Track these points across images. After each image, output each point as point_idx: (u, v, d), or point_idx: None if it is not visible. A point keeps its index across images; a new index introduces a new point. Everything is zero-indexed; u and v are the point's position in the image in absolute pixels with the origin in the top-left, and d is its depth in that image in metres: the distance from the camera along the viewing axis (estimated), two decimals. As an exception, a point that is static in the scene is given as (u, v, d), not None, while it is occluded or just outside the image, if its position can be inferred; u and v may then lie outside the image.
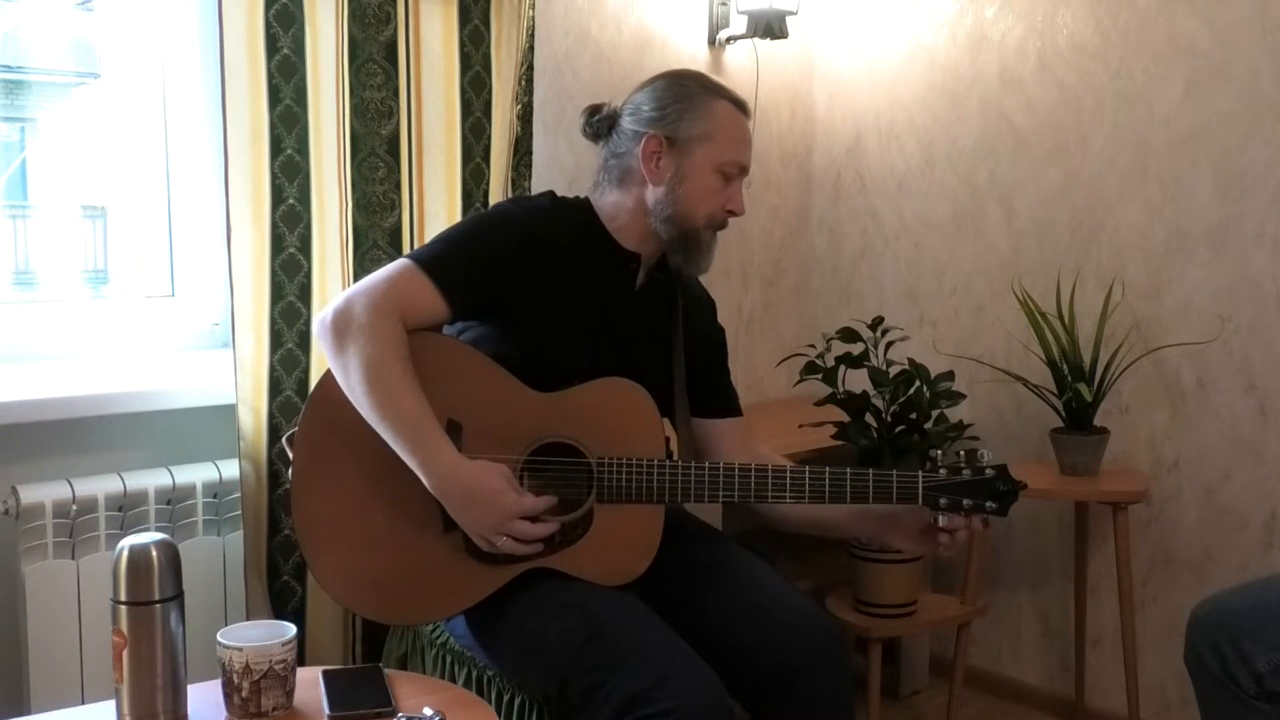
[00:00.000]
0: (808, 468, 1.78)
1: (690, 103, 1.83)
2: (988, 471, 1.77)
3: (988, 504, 1.76)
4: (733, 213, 1.87)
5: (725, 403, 2.01)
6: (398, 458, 1.69)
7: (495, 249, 1.79)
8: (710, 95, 1.85)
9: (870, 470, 1.78)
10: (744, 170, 1.87)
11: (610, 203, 1.88)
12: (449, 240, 1.82)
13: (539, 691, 1.73)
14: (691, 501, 1.78)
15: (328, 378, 1.74)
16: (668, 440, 1.83)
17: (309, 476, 1.74)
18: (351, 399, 1.70)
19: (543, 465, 1.75)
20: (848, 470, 1.78)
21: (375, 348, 1.68)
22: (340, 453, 1.73)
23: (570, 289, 1.82)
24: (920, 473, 1.78)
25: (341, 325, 1.71)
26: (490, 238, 1.81)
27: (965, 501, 1.76)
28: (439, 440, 1.68)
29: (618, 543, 1.75)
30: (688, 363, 1.94)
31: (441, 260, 1.77)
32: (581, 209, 1.90)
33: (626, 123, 1.87)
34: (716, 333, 2.06)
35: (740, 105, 1.88)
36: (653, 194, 1.84)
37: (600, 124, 1.90)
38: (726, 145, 1.84)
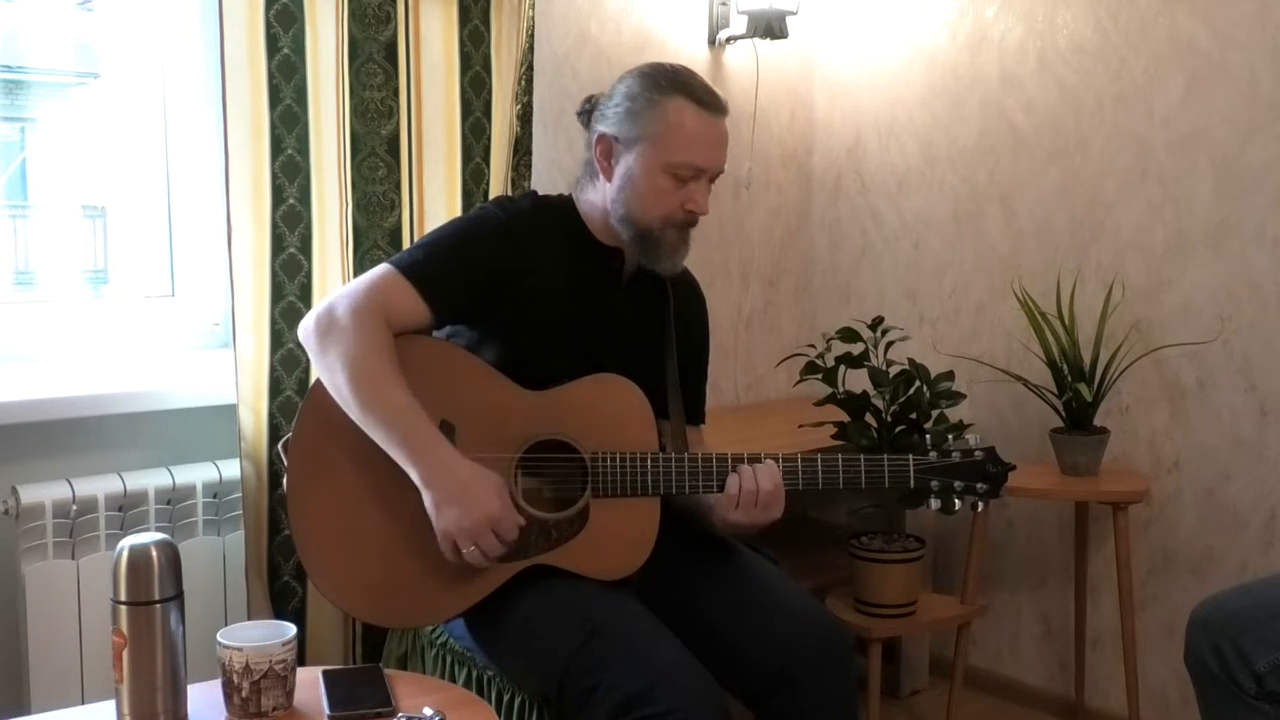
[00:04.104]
0: (800, 455, 1.80)
1: (640, 101, 1.79)
2: (977, 454, 1.82)
3: (978, 485, 1.82)
4: (694, 212, 1.81)
5: (692, 408, 2.00)
6: (392, 463, 1.69)
7: (478, 253, 1.79)
8: (665, 94, 1.78)
9: (862, 455, 1.81)
10: (700, 171, 1.79)
11: (587, 200, 1.88)
12: (431, 245, 1.81)
13: (538, 693, 1.73)
14: (686, 494, 1.78)
15: (320, 384, 1.74)
16: (660, 434, 1.84)
17: (304, 482, 1.74)
18: (338, 399, 1.70)
19: (537, 463, 1.76)
20: (839, 456, 1.81)
21: (358, 347, 1.68)
22: (335, 458, 1.73)
23: (556, 290, 1.82)
24: (911, 456, 1.81)
25: (324, 327, 1.71)
26: (472, 242, 1.80)
27: (957, 483, 1.81)
28: (433, 433, 1.67)
29: (615, 537, 1.75)
30: (676, 355, 1.94)
31: (423, 266, 1.76)
32: (564, 208, 1.90)
33: (595, 119, 1.86)
34: (702, 332, 2.06)
35: (704, 103, 1.79)
36: (608, 193, 1.83)
37: (583, 116, 1.90)
38: (674, 146, 1.77)
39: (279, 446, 2.01)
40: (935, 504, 1.82)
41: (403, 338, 1.74)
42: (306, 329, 1.74)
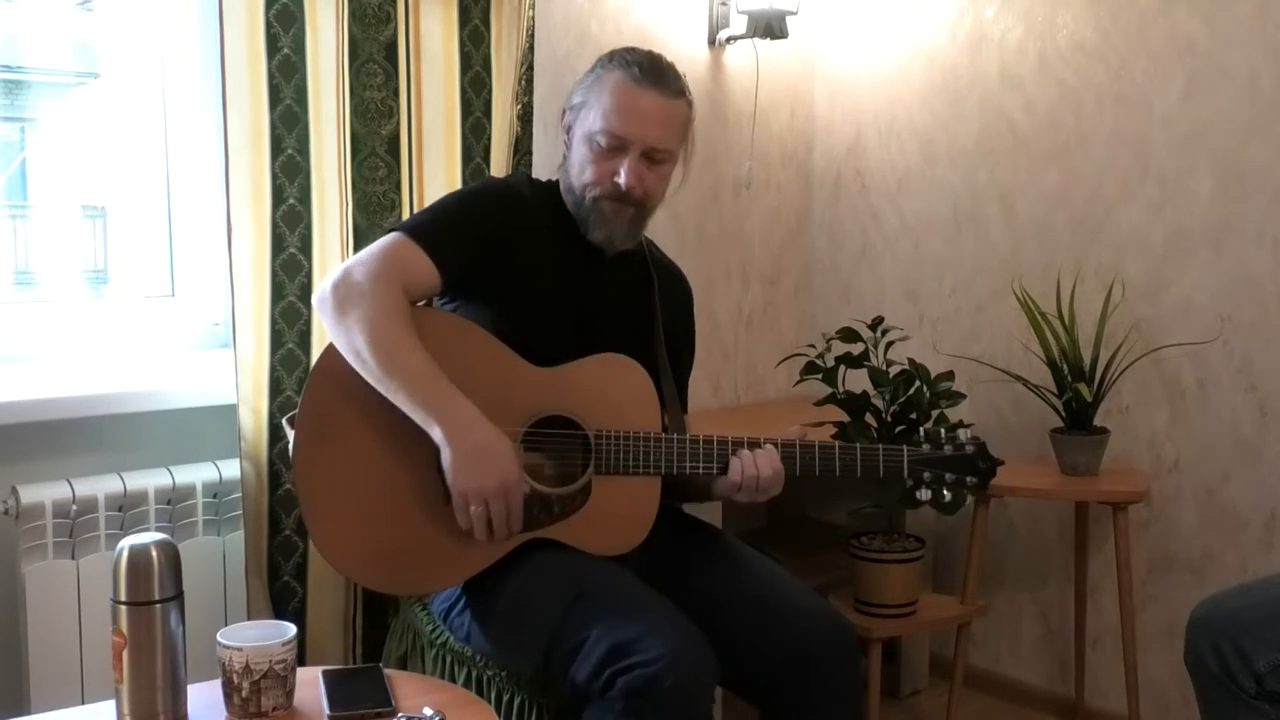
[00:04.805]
0: (799, 443, 1.84)
1: (589, 77, 1.86)
2: (968, 448, 1.88)
3: (968, 479, 1.87)
4: (620, 185, 1.81)
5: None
6: (400, 429, 1.70)
7: (481, 218, 1.83)
8: (607, 68, 1.84)
9: (858, 444, 1.86)
10: (623, 141, 1.80)
11: (562, 180, 1.93)
12: (436, 210, 1.87)
13: (528, 668, 1.74)
14: (687, 474, 1.81)
15: (331, 350, 1.75)
16: (663, 415, 1.86)
17: (312, 446, 1.74)
18: (357, 365, 1.71)
19: (541, 437, 1.77)
20: (836, 444, 1.85)
21: (377, 311, 1.70)
22: (343, 423, 1.74)
23: (548, 265, 1.86)
24: (905, 447, 1.86)
25: (342, 293, 1.72)
26: (475, 207, 1.86)
27: (948, 475, 1.86)
28: (454, 394, 1.69)
29: (615, 514, 1.78)
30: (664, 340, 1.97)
31: (430, 229, 1.80)
32: (552, 188, 1.94)
33: None
34: (688, 322, 2.09)
35: (636, 77, 1.81)
36: (564, 167, 1.90)
37: None
38: (599, 114, 1.81)
39: (284, 420, 2.02)
40: (926, 495, 1.87)
41: (413, 310, 1.76)
42: (323, 296, 1.75)
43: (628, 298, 1.95)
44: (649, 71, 1.82)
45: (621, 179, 1.81)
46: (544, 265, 1.86)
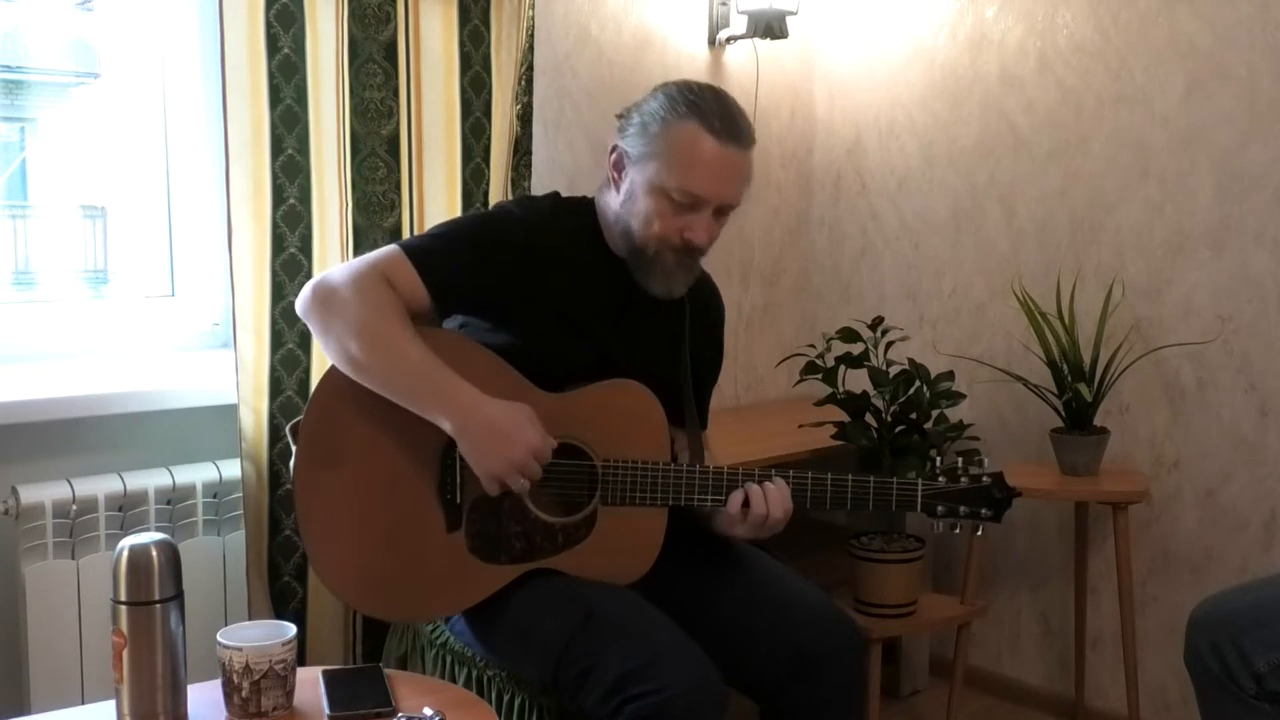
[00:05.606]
0: (810, 474, 1.79)
1: (655, 119, 1.75)
2: (984, 479, 1.81)
3: (983, 511, 1.80)
4: (691, 243, 1.76)
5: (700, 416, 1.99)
6: (403, 456, 1.69)
7: (487, 250, 1.78)
8: (680, 116, 1.73)
9: (871, 478, 1.80)
10: (699, 200, 1.74)
11: (604, 204, 1.86)
12: (442, 235, 1.82)
13: (535, 681, 1.74)
14: (695, 505, 1.77)
15: (332, 372, 1.74)
16: (673, 443, 1.83)
17: (312, 471, 1.74)
18: (351, 369, 1.69)
19: (548, 466, 1.75)
20: (849, 477, 1.80)
21: (364, 308, 1.68)
22: (345, 448, 1.73)
23: (570, 291, 1.81)
24: (919, 480, 1.80)
25: (325, 296, 1.71)
26: (484, 238, 1.80)
27: (962, 509, 1.80)
28: (455, 381, 1.66)
29: (620, 544, 1.75)
30: (690, 362, 1.94)
31: (430, 253, 1.76)
32: (583, 210, 1.88)
33: (619, 128, 1.84)
34: (718, 339, 2.05)
35: (716, 131, 1.72)
36: (614, 204, 1.82)
37: (618, 122, 1.88)
38: (674, 170, 1.73)
39: (287, 429, 2.01)
40: (940, 528, 1.81)
41: (422, 330, 1.73)
42: (304, 301, 1.73)
43: (657, 323, 1.90)
44: (727, 124, 1.73)
45: (697, 239, 1.75)
46: (566, 296, 1.80)
